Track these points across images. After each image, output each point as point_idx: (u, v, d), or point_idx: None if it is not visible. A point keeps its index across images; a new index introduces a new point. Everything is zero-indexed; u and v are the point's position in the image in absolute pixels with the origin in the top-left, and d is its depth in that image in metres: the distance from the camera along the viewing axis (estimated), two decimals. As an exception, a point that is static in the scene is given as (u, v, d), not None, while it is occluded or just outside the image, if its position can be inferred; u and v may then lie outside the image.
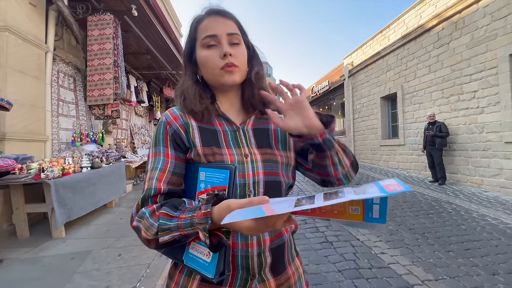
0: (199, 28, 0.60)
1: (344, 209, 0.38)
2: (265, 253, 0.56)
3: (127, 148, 6.03)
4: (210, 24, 0.59)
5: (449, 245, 2.61)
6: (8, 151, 2.87)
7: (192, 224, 0.45)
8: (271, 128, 0.66)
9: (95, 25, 3.93)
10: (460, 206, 3.98)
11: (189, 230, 0.45)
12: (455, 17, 5.57)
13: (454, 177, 5.63)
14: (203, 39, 0.59)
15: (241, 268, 0.54)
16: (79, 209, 3.01)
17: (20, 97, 3.10)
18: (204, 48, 0.59)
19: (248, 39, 0.65)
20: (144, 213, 0.51)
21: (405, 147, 7.25)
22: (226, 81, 0.59)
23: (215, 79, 0.60)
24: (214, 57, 0.58)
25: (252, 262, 0.55)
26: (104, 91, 3.94)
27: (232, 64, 0.57)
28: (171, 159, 0.57)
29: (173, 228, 0.47)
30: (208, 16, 0.60)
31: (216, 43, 0.58)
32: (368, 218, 0.37)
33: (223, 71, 0.58)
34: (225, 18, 0.60)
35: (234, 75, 0.59)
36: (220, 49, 0.58)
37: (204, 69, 0.61)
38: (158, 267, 2.16)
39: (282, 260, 0.60)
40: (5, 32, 2.96)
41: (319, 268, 2.21)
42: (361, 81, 9.61)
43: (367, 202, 0.36)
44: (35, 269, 2.14)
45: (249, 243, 0.55)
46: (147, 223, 0.49)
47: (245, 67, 0.62)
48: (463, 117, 5.41)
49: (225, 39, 0.58)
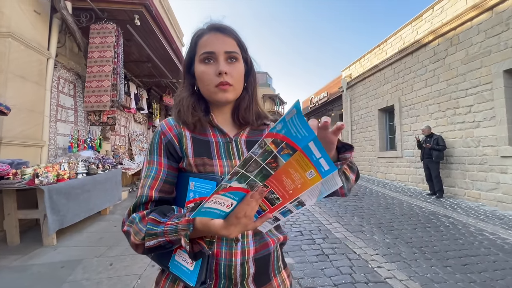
0: (199, 43, 0.62)
1: (304, 179, 0.40)
2: (249, 263, 0.57)
3: (124, 155, 6.00)
4: (209, 40, 0.60)
5: (447, 260, 2.58)
6: (4, 156, 2.85)
7: (176, 230, 0.46)
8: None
9: (97, 33, 3.99)
10: (458, 220, 3.95)
11: (173, 236, 0.47)
12: (450, 34, 5.73)
13: (451, 190, 5.62)
14: (201, 54, 0.60)
15: (223, 277, 0.55)
16: (72, 216, 2.96)
17: (19, 102, 3.11)
18: (202, 63, 0.60)
19: (247, 55, 0.66)
20: (134, 218, 0.53)
21: (402, 159, 7.28)
22: (220, 99, 0.61)
23: (209, 95, 0.62)
24: (210, 73, 0.59)
25: (235, 271, 0.55)
26: (101, 97, 3.96)
27: (226, 83, 0.59)
28: (163, 168, 0.58)
29: (159, 233, 0.48)
30: (208, 32, 0.62)
31: (214, 59, 0.60)
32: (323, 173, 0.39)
33: (218, 89, 0.59)
34: (225, 35, 0.61)
35: (228, 94, 0.60)
36: (216, 66, 0.59)
37: (200, 83, 0.62)
38: (150, 278, 2.11)
39: (266, 271, 0.60)
40: (8, 38, 3.01)
41: (314, 282, 2.16)
42: (359, 93, 9.74)
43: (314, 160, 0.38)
44: (24, 277, 2.09)
45: (233, 253, 0.55)
46: (136, 228, 0.51)
47: (241, 85, 0.64)
48: (459, 131, 5.46)
49: (222, 56, 0.59)
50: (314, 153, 0.38)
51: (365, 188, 6.81)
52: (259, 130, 0.69)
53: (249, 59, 0.67)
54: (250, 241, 0.58)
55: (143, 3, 3.83)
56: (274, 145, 0.39)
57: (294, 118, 0.37)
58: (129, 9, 3.90)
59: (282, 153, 0.39)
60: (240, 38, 0.64)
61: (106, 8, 3.89)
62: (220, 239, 0.55)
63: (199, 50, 0.61)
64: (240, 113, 0.66)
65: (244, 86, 0.66)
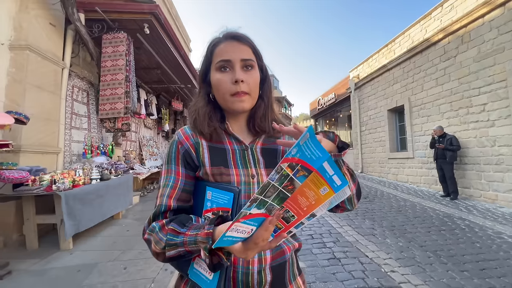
0: (215, 51, 0.63)
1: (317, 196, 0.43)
2: (266, 270, 0.57)
3: (135, 160, 6.13)
4: (225, 48, 0.61)
5: (463, 264, 2.50)
6: (23, 163, 2.97)
7: (195, 241, 0.47)
8: (279, 149, 0.68)
9: (109, 42, 4.13)
10: (474, 222, 3.83)
11: (193, 247, 0.48)
12: (460, 31, 5.60)
13: (466, 192, 5.46)
14: (217, 63, 0.61)
15: (241, 285, 0.56)
16: (87, 220, 3.05)
17: (37, 111, 3.24)
18: (218, 71, 0.61)
19: (262, 63, 0.66)
20: (154, 227, 0.54)
21: (414, 160, 7.12)
22: (236, 108, 0.61)
23: (225, 104, 0.62)
24: (226, 81, 0.60)
25: (252, 279, 0.56)
26: (115, 105, 4.08)
27: (243, 92, 0.59)
28: (181, 177, 0.60)
29: (179, 244, 0.49)
30: (224, 40, 0.63)
31: (230, 67, 0.60)
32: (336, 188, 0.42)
33: (234, 98, 0.60)
34: (241, 43, 0.62)
35: (244, 103, 0.61)
36: (233, 74, 0.59)
37: (216, 92, 0.63)
38: (163, 282, 2.14)
39: (282, 278, 0.60)
40: (26, 51, 3.15)
41: (326, 286, 2.14)
42: (367, 94, 9.62)
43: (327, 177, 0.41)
44: (42, 281, 2.16)
45: (250, 261, 0.56)
46: (157, 237, 0.52)
47: (256, 93, 0.64)
48: (473, 130, 5.31)
49: (238, 64, 0.60)
50: (327, 171, 0.40)
51: (376, 190, 6.69)
52: (274, 137, 0.69)
53: (264, 67, 0.67)
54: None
55: (152, 12, 3.94)
56: (290, 169, 0.41)
57: (308, 141, 0.40)
58: (139, 18, 4.01)
59: (298, 175, 0.41)
60: (255, 46, 0.64)
61: (117, 18, 4.02)
62: None
63: (215, 58, 0.62)
64: (256, 122, 0.66)
65: (260, 94, 0.66)
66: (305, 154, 0.40)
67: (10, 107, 2.91)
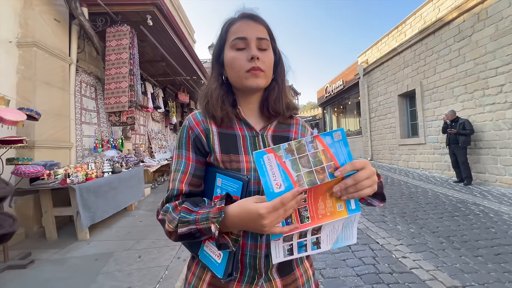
0: (230, 30, 0.62)
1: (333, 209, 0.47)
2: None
3: (145, 153, 6.24)
4: (241, 27, 0.61)
5: (477, 250, 2.46)
6: (37, 158, 3.07)
7: (207, 218, 0.48)
8: (291, 137, 0.68)
9: (113, 36, 4.12)
10: (489, 207, 3.74)
11: (204, 224, 0.48)
12: (477, 8, 5.28)
13: (481, 177, 5.30)
14: (232, 41, 0.60)
15: (248, 267, 0.57)
16: (102, 212, 3.15)
17: (47, 107, 3.31)
18: (233, 49, 0.61)
19: (276, 45, 0.66)
20: (168, 207, 0.56)
21: (426, 145, 6.94)
22: (251, 84, 0.60)
23: (240, 82, 0.61)
24: (241, 59, 0.59)
25: (260, 262, 0.57)
26: (120, 98, 4.11)
27: (258, 68, 0.59)
28: (192, 162, 0.60)
29: (191, 221, 0.50)
30: (240, 19, 0.62)
31: (245, 46, 0.60)
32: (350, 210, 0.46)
33: (249, 74, 0.59)
34: (257, 22, 0.62)
35: (259, 79, 0.60)
36: (248, 52, 0.59)
37: (230, 70, 0.62)
38: (176, 269, 2.21)
39: (289, 262, 0.61)
40: (33, 48, 3.19)
41: (337, 272, 2.16)
42: (376, 79, 9.34)
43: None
44: (63, 269, 2.27)
45: (258, 245, 0.57)
46: (170, 217, 0.53)
47: (271, 73, 0.64)
48: (489, 113, 5.10)
49: (254, 42, 0.59)
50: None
51: (386, 177, 6.60)
52: (286, 124, 0.69)
53: (278, 50, 0.67)
54: None
55: (154, 3, 3.88)
56: (325, 157, 0.45)
57: (340, 143, 0.44)
58: (141, 10, 3.97)
59: (330, 171, 0.45)
60: (270, 28, 0.64)
61: (120, 11, 3.99)
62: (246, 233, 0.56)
63: (230, 36, 0.62)
64: (270, 105, 0.66)
65: (273, 77, 0.66)
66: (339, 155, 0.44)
67: (21, 104, 2.98)
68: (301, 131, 0.71)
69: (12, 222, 0.54)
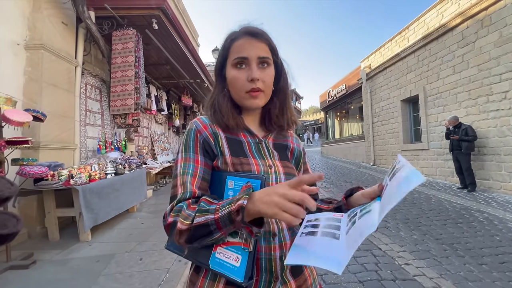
0: (232, 47, 0.62)
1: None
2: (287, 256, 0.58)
3: (147, 155, 6.27)
4: (243, 45, 0.61)
5: (482, 257, 2.43)
6: (42, 159, 3.10)
7: (231, 201, 0.47)
8: (289, 146, 0.71)
9: (119, 39, 4.18)
10: (493, 215, 3.69)
11: (224, 211, 0.47)
12: (480, 15, 5.29)
13: (485, 184, 5.25)
14: (234, 59, 0.61)
15: (264, 271, 0.56)
16: (104, 213, 3.16)
17: (53, 109, 3.35)
18: (234, 67, 0.62)
19: (278, 59, 0.66)
20: (181, 206, 0.52)
21: (429, 151, 6.90)
22: (250, 105, 0.63)
23: (240, 100, 0.64)
24: (242, 79, 0.61)
25: (275, 264, 0.57)
26: (126, 101, 4.15)
27: (258, 89, 0.60)
28: (200, 165, 0.59)
29: (210, 210, 0.48)
30: (242, 36, 0.62)
31: (246, 65, 0.61)
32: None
33: (248, 95, 0.61)
34: (259, 40, 0.62)
35: (258, 100, 0.62)
36: (248, 73, 0.60)
37: (232, 88, 0.64)
38: (177, 272, 2.20)
39: None
40: (41, 50, 3.24)
41: (339, 278, 2.14)
42: (379, 84, 9.34)
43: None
44: (65, 270, 2.27)
45: (272, 247, 0.57)
46: (185, 214, 0.50)
47: (270, 89, 0.65)
48: (493, 119, 5.06)
49: (255, 62, 0.60)
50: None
51: (389, 182, 6.54)
52: (283, 135, 0.72)
53: (280, 62, 0.67)
54: (286, 234, 0.60)
55: (160, 7, 3.94)
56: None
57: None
58: (147, 14, 4.03)
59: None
60: (272, 42, 0.64)
61: (126, 15, 4.05)
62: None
63: (231, 55, 0.62)
64: (273, 119, 0.68)
65: (274, 90, 0.67)
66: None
67: (28, 105, 3.02)
68: (296, 142, 0.75)
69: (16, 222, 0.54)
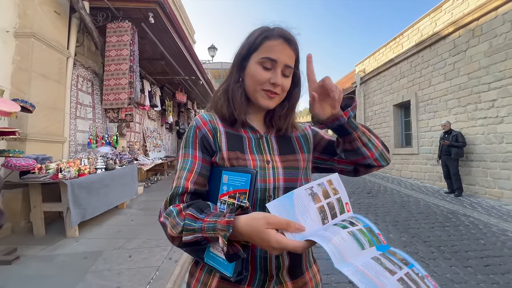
0: (264, 44, 0.61)
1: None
2: (283, 255, 0.58)
3: (139, 151, 6.16)
4: (275, 47, 0.60)
5: (467, 260, 2.50)
6: (29, 151, 3.00)
7: (214, 228, 0.46)
8: (293, 136, 0.71)
9: (113, 32, 4.09)
10: (479, 219, 3.81)
11: (210, 233, 0.47)
12: (472, 25, 5.45)
13: (471, 189, 5.41)
14: (262, 57, 0.60)
15: (259, 269, 0.56)
16: (93, 209, 3.08)
17: (42, 99, 3.24)
18: (260, 65, 0.61)
19: (298, 70, 0.67)
20: (171, 211, 0.53)
21: (419, 156, 7.06)
22: (263, 104, 0.63)
23: (253, 94, 0.63)
24: (264, 77, 0.61)
25: (270, 263, 0.57)
26: (119, 95, 4.07)
27: (275, 93, 0.62)
28: (198, 161, 0.60)
29: (196, 229, 0.48)
30: (276, 37, 0.61)
31: (272, 67, 0.61)
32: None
33: (264, 93, 0.62)
34: (291, 48, 0.62)
35: (272, 102, 0.63)
36: (273, 75, 0.60)
37: (250, 80, 0.63)
38: (168, 270, 2.17)
39: (299, 264, 0.61)
40: (31, 38, 3.13)
41: (329, 278, 2.16)
42: (373, 88, 9.49)
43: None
44: (50, 266, 2.20)
45: None
46: (174, 222, 0.51)
47: (284, 96, 0.66)
48: (481, 127, 5.22)
49: (281, 67, 0.61)
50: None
51: (379, 185, 6.67)
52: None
53: (299, 74, 0.68)
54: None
55: (157, 1, 3.87)
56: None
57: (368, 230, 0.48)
58: (143, 7, 3.96)
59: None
60: (299, 53, 0.65)
61: (121, 7, 3.96)
62: None
63: (261, 52, 0.61)
64: (274, 119, 0.68)
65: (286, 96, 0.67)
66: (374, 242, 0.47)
67: (16, 95, 2.91)
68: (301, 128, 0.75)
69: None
